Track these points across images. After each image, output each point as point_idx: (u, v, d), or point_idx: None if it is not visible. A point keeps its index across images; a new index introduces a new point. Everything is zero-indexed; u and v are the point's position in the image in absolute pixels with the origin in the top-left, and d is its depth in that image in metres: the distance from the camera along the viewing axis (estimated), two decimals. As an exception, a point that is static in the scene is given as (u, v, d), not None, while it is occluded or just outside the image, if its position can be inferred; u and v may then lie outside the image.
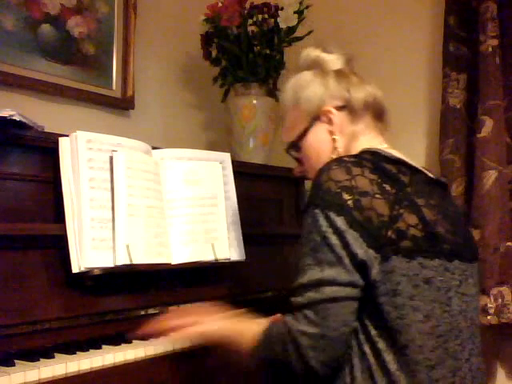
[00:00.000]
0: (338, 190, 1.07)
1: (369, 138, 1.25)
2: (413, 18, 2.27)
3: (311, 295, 1.06)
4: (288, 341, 1.08)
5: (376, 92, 1.28)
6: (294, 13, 2.16)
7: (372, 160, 1.14)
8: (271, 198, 2.15)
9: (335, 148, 1.25)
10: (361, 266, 1.06)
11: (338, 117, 1.25)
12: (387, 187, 1.09)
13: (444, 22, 2.11)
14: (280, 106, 1.38)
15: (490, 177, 1.95)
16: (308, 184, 2.35)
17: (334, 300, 1.05)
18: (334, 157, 1.21)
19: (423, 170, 1.21)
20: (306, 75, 1.30)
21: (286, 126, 1.35)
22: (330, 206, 1.07)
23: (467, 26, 2.07)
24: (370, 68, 2.27)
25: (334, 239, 1.06)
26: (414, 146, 2.19)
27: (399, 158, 1.17)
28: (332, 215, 1.06)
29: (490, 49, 1.96)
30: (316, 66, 1.31)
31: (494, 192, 1.95)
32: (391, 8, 2.32)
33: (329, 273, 1.05)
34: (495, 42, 1.96)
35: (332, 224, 1.06)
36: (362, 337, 1.09)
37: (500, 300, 1.93)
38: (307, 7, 2.18)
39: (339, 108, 1.25)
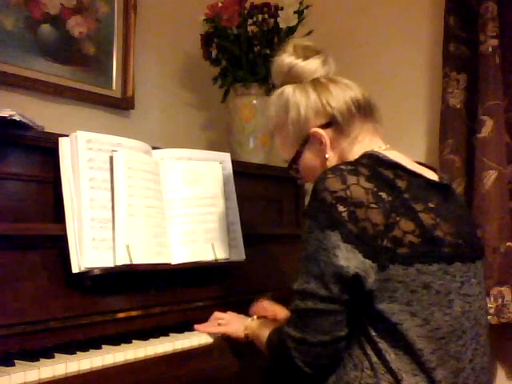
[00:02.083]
0: (333, 202, 1.08)
1: (365, 144, 1.23)
2: (413, 18, 2.27)
3: (297, 303, 1.14)
4: (279, 341, 1.19)
5: (357, 94, 1.25)
6: (294, 13, 2.16)
7: (369, 165, 1.13)
8: (271, 198, 2.15)
9: (328, 166, 1.23)
10: (354, 280, 1.07)
11: (326, 135, 1.24)
12: (383, 195, 1.09)
13: (444, 22, 2.11)
14: (268, 122, 1.37)
15: (490, 177, 1.95)
16: (308, 185, 2.35)
17: (314, 311, 1.11)
18: None
19: (423, 173, 1.19)
20: (287, 93, 1.28)
21: (278, 146, 1.36)
22: (325, 220, 1.09)
23: (467, 26, 2.07)
24: (369, 68, 2.29)
25: (322, 255, 1.09)
26: (414, 146, 2.19)
27: (396, 162, 1.16)
28: (327, 230, 1.08)
29: (490, 49, 1.96)
30: (293, 78, 1.29)
31: (493, 192, 1.95)
32: (391, 8, 2.32)
33: (312, 286, 1.11)
34: (495, 42, 1.96)
35: (325, 239, 1.08)
36: (363, 338, 1.11)
37: (500, 300, 1.93)
38: (307, 7, 2.18)
39: (325, 126, 1.24)
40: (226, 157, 1.79)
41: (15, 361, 1.13)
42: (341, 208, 1.07)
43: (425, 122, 2.24)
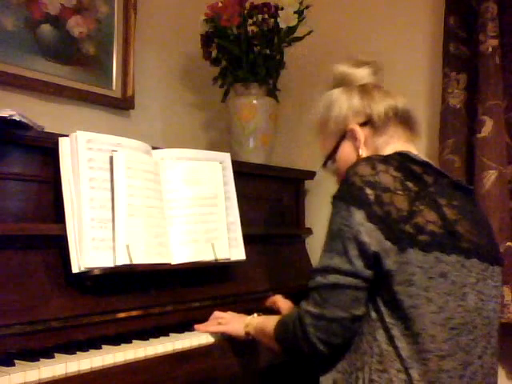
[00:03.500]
0: (362, 185, 1.14)
1: (398, 147, 1.28)
2: (413, 18, 2.26)
3: (319, 280, 1.16)
4: (296, 318, 1.19)
5: (398, 103, 1.32)
6: (294, 13, 2.16)
7: (399, 160, 1.20)
8: (271, 197, 2.16)
9: None
10: (374, 258, 1.11)
11: (362, 133, 1.31)
12: (410, 184, 1.15)
13: (444, 22, 2.10)
14: (312, 123, 1.43)
15: (490, 177, 1.95)
16: (308, 184, 2.35)
17: (336, 286, 1.14)
18: None
19: (448, 174, 1.26)
20: (334, 93, 1.36)
21: (320, 144, 1.42)
22: (352, 199, 1.14)
23: (467, 26, 2.07)
24: (369, 68, 2.28)
25: (346, 231, 1.13)
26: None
27: (426, 161, 1.23)
28: (353, 209, 1.13)
29: (490, 49, 1.96)
30: (343, 82, 1.37)
31: (494, 192, 1.95)
32: (391, 8, 2.32)
33: (335, 261, 1.14)
34: (495, 41, 1.96)
35: (351, 217, 1.13)
36: (376, 324, 1.13)
37: (500, 300, 1.93)
38: (307, 7, 2.18)
39: (362, 124, 1.31)
40: (226, 157, 1.79)
41: (15, 361, 1.13)
42: (368, 191, 1.13)
43: (425, 122, 2.23)
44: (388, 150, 1.28)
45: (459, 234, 1.15)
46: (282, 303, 1.66)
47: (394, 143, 1.29)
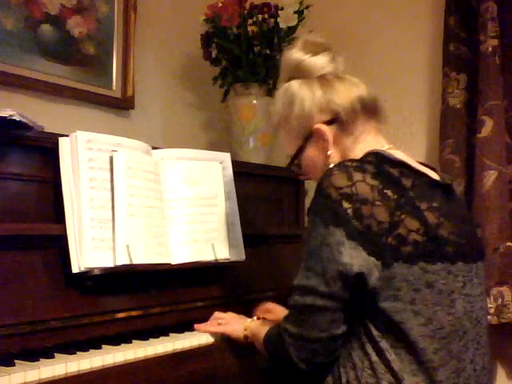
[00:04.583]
0: (338, 198, 1.08)
1: (368, 143, 1.23)
2: (413, 18, 2.26)
3: (296, 299, 1.13)
4: (277, 336, 1.18)
5: (362, 92, 1.24)
6: (294, 13, 2.16)
7: (375, 163, 1.14)
8: (271, 197, 2.15)
9: (330, 163, 1.23)
10: (357, 278, 1.07)
11: (330, 132, 1.23)
12: (388, 193, 1.09)
13: (444, 22, 2.11)
14: (271, 118, 1.36)
15: (490, 177, 1.95)
16: (308, 184, 2.35)
17: (313, 308, 1.10)
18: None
19: (427, 172, 1.20)
20: (293, 87, 1.27)
21: (282, 140, 1.35)
22: (330, 216, 1.08)
23: (467, 26, 2.07)
24: (369, 68, 2.28)
25: (325, 251, 1.08)
26: (414, 146, 2.19)
27: (401, 161, 1.16)
28: (331, 227, 1.08)
29: (490, 49, 1.96)
30: (300, 73, 1.28)
31: (493, 192, 1.95)
32: (391, 8, 2.32)
33: (312, 282, 1.10)
34: (495, 41, 1.96)
35: (330, 236, 1.08)
36: (364, 338, 1.10)
37: (500, 300, 1.93)
38: (307, 7, 2.18)
39: (329, 123, 1.23)
40: (226, 157, 1.79)
41: (15, 361, 1.12)
42: (346, 204, 1.07)
43: (425, 122, 2.24)
44: (359, 148, 1.22)
45: (443, 238, 1.10)
46: (278, 311, 1.55)
47: (363, 141, 1.23)
